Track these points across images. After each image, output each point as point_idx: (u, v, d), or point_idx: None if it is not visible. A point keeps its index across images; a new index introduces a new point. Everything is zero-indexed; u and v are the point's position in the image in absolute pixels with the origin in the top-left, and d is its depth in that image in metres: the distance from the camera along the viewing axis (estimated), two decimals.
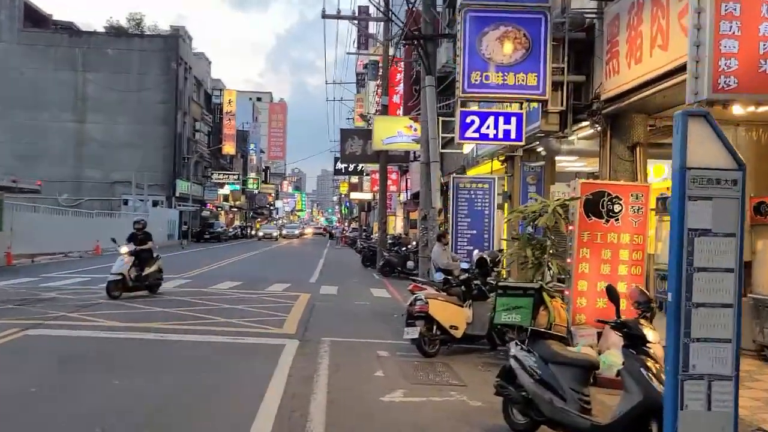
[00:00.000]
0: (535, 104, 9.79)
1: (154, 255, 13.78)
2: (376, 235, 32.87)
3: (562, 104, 9.33)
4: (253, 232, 67.17)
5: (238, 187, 62.36)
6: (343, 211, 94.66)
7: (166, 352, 8.30)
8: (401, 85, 25.98)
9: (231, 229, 58.83)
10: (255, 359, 8.03)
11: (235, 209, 71.49)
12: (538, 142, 11.73)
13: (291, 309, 12.37)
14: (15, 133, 43.92)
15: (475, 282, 9.29)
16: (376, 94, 32.27)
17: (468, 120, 9.67)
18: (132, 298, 12.96)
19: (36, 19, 46.62)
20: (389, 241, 26.35)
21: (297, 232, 75.52)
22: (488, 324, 9.06)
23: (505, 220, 11.81)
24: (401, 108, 25.89)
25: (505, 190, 14.04)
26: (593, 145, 10.29)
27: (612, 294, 5.03)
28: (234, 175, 59.75)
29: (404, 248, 23.13)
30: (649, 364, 4.74)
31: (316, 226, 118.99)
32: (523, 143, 10.11)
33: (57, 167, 44.26)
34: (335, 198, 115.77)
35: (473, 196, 13.63)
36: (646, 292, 5.29)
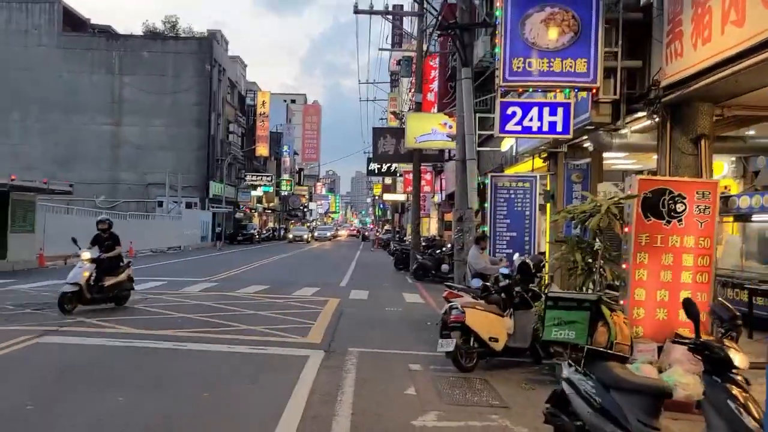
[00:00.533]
0: (584, 94, 8.87)
1: (124, 261, 12.30)
2: (410, 237, 32.08)
3: (614, 93, 8.41)
4: (288, 235, 64.61)
5: (271, 188, 62.22)
6: (377, 213, 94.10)
7: (178, 363, 7.66)
8: (436, 82, 25.14)
9: (264, 231, 58.72)
10: (274, 373, 7.32)
11: (269, 211, 71.48)
12: (585, 137, 10.78)
13: (318, 315, 11.67)
14: (52, 136, 44.52)
15: (517, 289, 8.44)
16: (410, 91, 31.45)
17: (509, 111, 8.81)
18: (153, 301, 12.45)
19: (74, 23, 47.22)
20: (423, 244, 25.53)
21: (329, 234, 70.79)
22: (531, 335, 8.22)
23: (552, 220, 10.85)
24: (436, 106, 25.06)
25: (548, 189, 13.10)
26: (648, 138, 9.32)
27: (691, 308, 4.16)
28: (267, 176, 59.60)
29: (439, 251, 22.30)
30: (736, 393, 3.86)
31: (349, 228, 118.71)
32: (570, 136, 9.20)
33: (93, 170, 44.71)
34: (369, 200, 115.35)
35: (513, 195, 12.73)
36: (730, 306, 4.38)
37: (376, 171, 39.32)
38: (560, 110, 8.76)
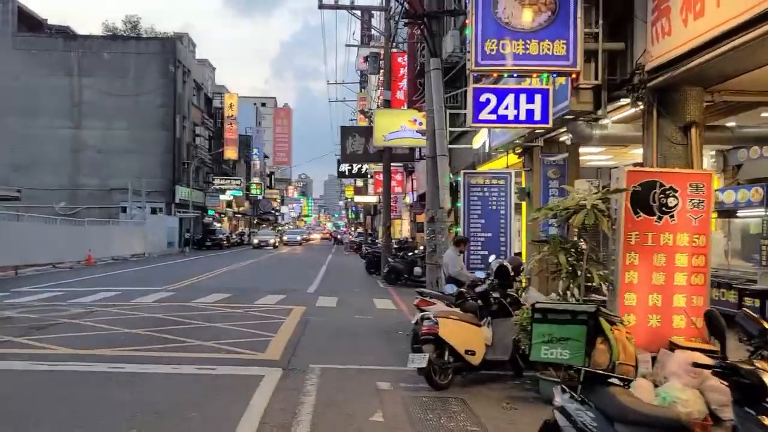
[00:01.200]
0: (562, 80, 8.12)
1: None
2: (382, 239, 31.29)
3: (596, 78, 7.67)
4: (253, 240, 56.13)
5: (240, 192, 60.79)
6: (349, 216, 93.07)
7: (110, 391, 6.65)
8: (405, 80, 24.35)
9: (234, 236, 57.27)
10: (221, 398, 6.40)
11: (239, 215, 70.01)
12: (563, 130, 10.06)
13: (280, 327, 10.75)
14: (10, 142, 42.67)
15: (495, 295, 7.66)
16: (379, 89, 30.60)
17: (483, 99, 8.00)
18: (98, 315, 11.37)
19: (31, 24, 45.42)
20: (394, 246, 24.73)
21: (299, 238, 63.27)
22: (512, 346, 7.43)
23: (531, 219, 10.02)
24: (405, 105, 24.26)
25: (523, 187, 12.38)
26: (631, 129, 8.62)
27: (715, 323, 3.38)
28: (236, 180, 58.14)
29: (411, 253, 21.52)
30: None
31: (322, 231, 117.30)
32: (549, 126, 8.43)
33: (53, 175, 43.04)
34: (341, 203, 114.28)
35: (487, 194, 11.96)
36: (756, 316, 3.62)
37: (347, 173, 38.39)
38: (538, 97, 7.99)
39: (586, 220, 6.58)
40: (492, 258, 10.51)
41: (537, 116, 8.01)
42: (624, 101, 8.02)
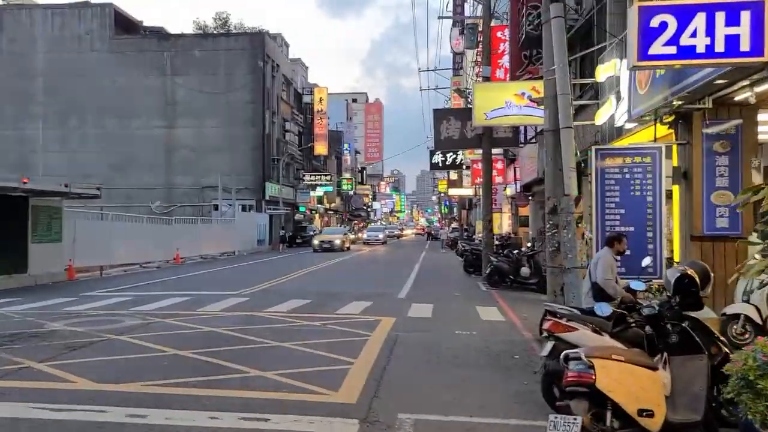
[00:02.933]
0: None
1: None
2: (479, 235, 28.56)
3: None
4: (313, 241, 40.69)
5: (331, 188, 59.74)
6: (442, 211, 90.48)
7: None
8: (506, 56, 21.46)
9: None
10: None
11: (331, 212, 69.21)
12: (746, 82, 7.15)
13: (363, 347, 8.54)
14: (108, 143, 43.64)
15: (673, 321, 5.04)
16: (476, 65, 27.77)
17: (655, 23, 5.31)
18: (153, 328, 9.64)
19: (127, 26, 46.23)
20: (496, 243, 22.01)
21: (381, 236, 50.05)
22: (704, 399, 4.79)
23: (741, 204, 6.74)
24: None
25: (675, 166, 9.44)
26: None
27: None
28: (327, 176, 57.10)
29: (516, 251, 18.75)
30: None
31: (416, 227, 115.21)
32: (765, 59, 5.62)
33: (149, 174, 43.60)
34: (434, 197, 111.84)
35: (628, 176, 9.16)
36: None
37: (440, 164, 35.85)
38: (745, 16, 5.24)
39: None
40: (647, 261, 7.78)
41: (744, 46, 5.25)
42: None
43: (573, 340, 5.60)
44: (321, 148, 57.32)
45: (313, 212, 60.46)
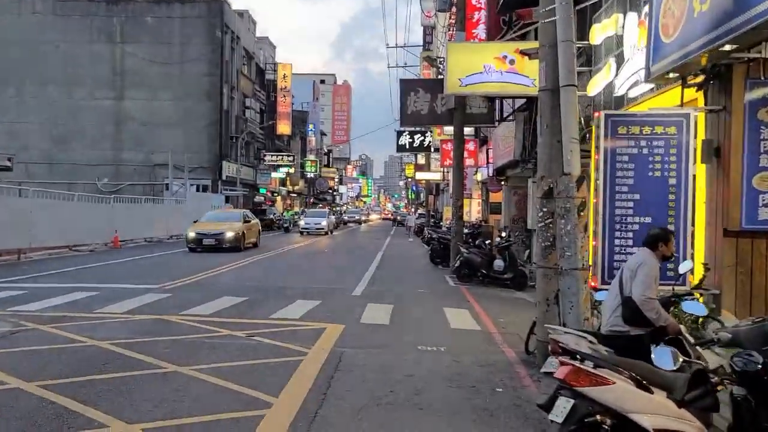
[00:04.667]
0: None
1: None
2: (447, 222, 26.50)
3: None
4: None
5: (293, 169, 56.98)
6: (409, 196, 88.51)
7: None
8: (482, 25, 19.22)
9: (287, 216, 53.54)
10: None
11: (294, 195, 66.48)
12: None
13: (293, 375, 6.27)
14: (50, 114, 40.24)
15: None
16: (449, 27, 25.36)
17: None
18: (13, 342, 7.22)
19: None
20: (466, 231, 19.93)
21: (324, 223, 38.87)
22: None
23: None
24: None
25: (705, 138, 7.34)
26: None
27: None
28: (289, 156, 54.26)
29: (488, 241, 16.68)
30: None
31: (382, 212, 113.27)
32: None
33: (94, 149, 40.43)
34: (401, 182, 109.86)
35: (646, 151, 7.06)
36: None
37: (407, 146, 33.58)
38: None
39: None
40: (686, 266, 5.64)
41: None
42: None
43: (608, 402, 3.44)
44: (284, 128, 54.50)
45: (275, 194, 57.70)
